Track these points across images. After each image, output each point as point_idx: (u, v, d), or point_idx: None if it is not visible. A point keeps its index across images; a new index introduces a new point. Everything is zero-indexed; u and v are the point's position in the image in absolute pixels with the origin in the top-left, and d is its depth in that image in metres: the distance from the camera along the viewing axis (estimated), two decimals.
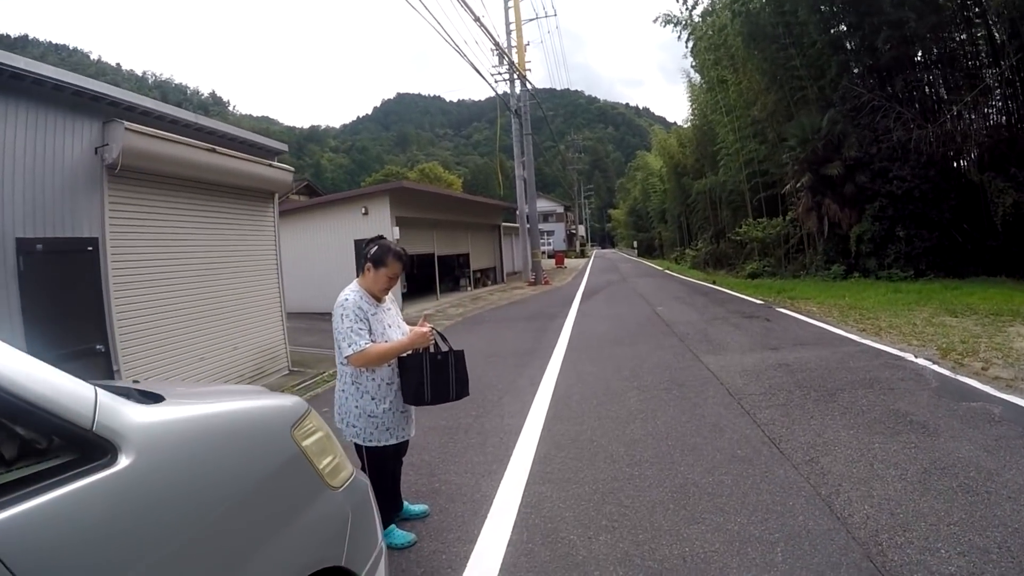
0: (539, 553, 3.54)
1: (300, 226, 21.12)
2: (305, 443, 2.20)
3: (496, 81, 29.47)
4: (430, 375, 3.77)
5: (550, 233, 72.80)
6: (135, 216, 7.46)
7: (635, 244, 73.67)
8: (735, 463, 4.68)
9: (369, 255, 3.79)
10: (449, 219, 24.60)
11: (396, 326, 3.87)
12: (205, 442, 1.84)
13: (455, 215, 25.26)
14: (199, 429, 1.86)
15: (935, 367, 7.23)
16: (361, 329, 3.56)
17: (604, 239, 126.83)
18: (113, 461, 1.50)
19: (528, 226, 29.57)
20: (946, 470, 4.23)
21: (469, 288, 27.22)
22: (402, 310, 18.46)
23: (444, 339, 3.93)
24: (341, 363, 3.68)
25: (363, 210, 19.56)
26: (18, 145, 6.01)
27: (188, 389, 2.51)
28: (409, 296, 22.16)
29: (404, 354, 3.72)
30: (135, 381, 2.69)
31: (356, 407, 3.71)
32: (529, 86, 30.32)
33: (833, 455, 4.69)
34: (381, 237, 3.93)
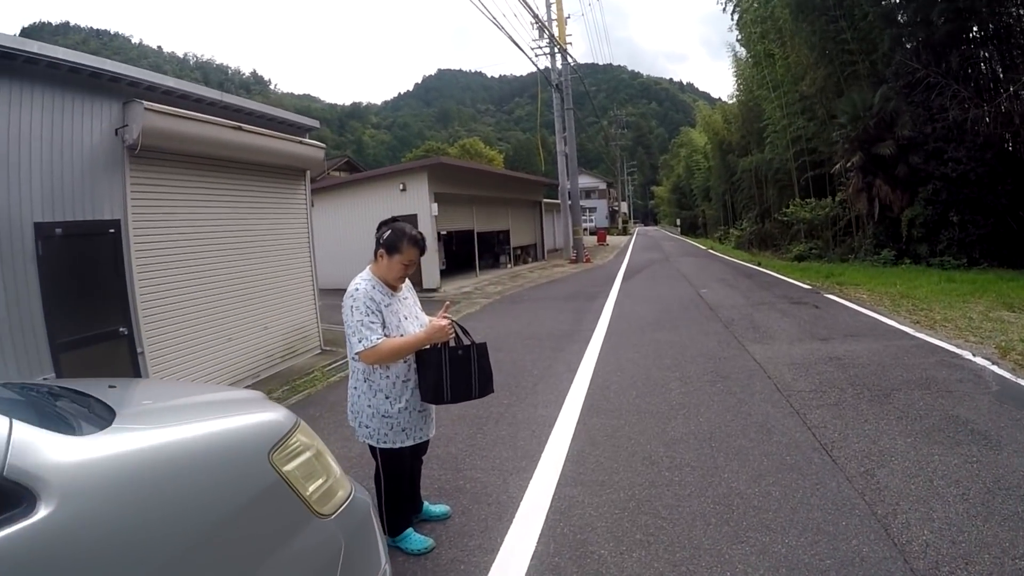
0: (566, 569, 3.25)
1: (338, 202, 21.22)
2: (288, 467, 1.93)
3: (536, 55, 29.19)
4: (450, 371, 3.42)
5: (592, 210, 71.97)
6: (158, 197, 7.30)
7: (678, 222, 72.64)
8: (784, 472, 4.30)
9: (382, 240, 3.44)
10: (489, 195, 24.28)
11: (413, 318, 3.53)
12: (151, 479, 1.56)
13: (495, 191, 24.89)
14: (144, 463, 1.58)
15: (995, 368, 6.65)
16: (373, 323, 3.24)
17: (647, 216, 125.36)
18: (31, 510, 1.28)
19: (569, 202, 29.06)
20: (1011, 491, 3.80)
21: (509, 265, 26.97)
22: (439, 288, 18.92)
23: (465, 332, 3.58)
24: (352, 358, 3.37)
25: (401, 186, 19.44)
26: (34, 130, 5.86)
27: (155, 404, 2.22)
28: (448, 273, 22.19)
29: (421, 349, 3.40)
30: (111, 386, 2.42)
31: (369, 406, 3.41)
32: (570, 60, 29.70)
33: (890, 467, 4.28)
34: (395, 219, 3.58)
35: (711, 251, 33.36)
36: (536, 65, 29.07)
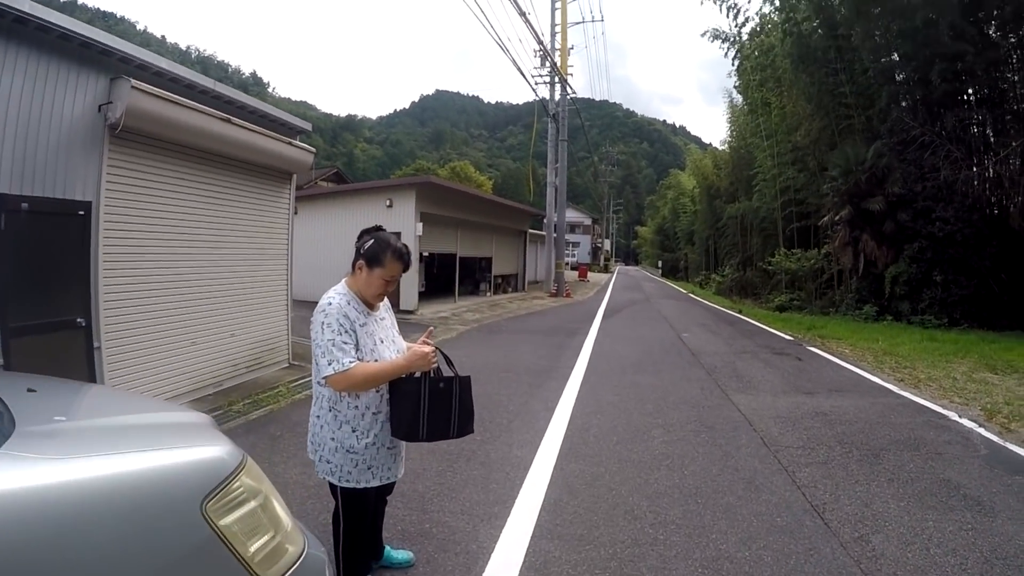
0: None
1: (323, 212, 20.91)
2: (225, 520, 1.55)
3: (536, 83, 29.20)
4: (428, 405, 3.00)
5: (575, 244, 72.20)
6: (135, 182, 6.86)
7: (660, 263, 72.85)
8: (775, 534, 4.01)
9: (363, 250, 3.07)
10: (475, 220, 23.98)
11: (390, 341, 3.15)
12: (44, 530, 1.20)
13: (481, 216, 24.61)
14: (23, 508, 1.22)
15: (982, 430, 6.67)
16: (346, 343, 2.84)
17: (628, 256, 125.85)
18: None
19: (555, 235, 28.97)
20: (1008, 561, 3.68)
21: (489, 293, 26.59)
22: (416, 311, 18.46)
23: (449, 362, 3.20)
24: (318, 383, 2.99)
25: (388, 202, 19.15)
26: (13, 94, 5.45)
27: (69, 422, 1.82)
28: (426, 296, 21.79)
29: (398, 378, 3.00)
30: (29, 390, 2.06)
31: (332, 439, 3.00)
32: (569, 90, 29.79)
33: (884, 533, 4.06)
34: (379, 228, 3.22)
35: (692, 295, 33.32)
36: (535, 91, 29.11)
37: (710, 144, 64.99)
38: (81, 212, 6.22)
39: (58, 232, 6.06)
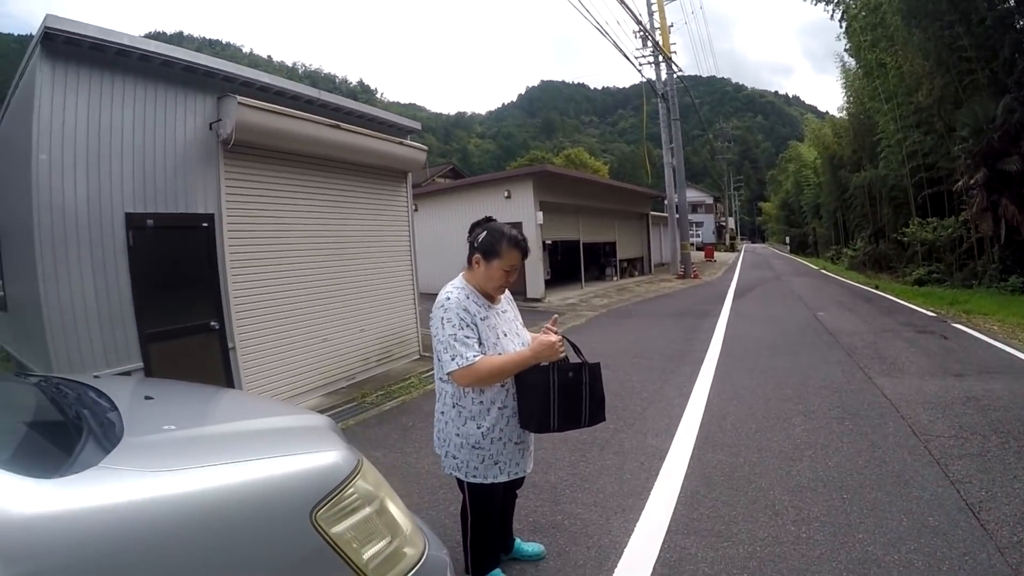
0: None
1: (442, 207, 21.23)
2: (337, 528, 1.48)
3: (640, 64, 28.59)
4: (557, 396, 2.85)
5: (699, 224, 70.31)
6: (254, 192, 7.19)
7: (787, 240, 69.72)
8: (926, 535, 3.54)
9: (476, 243, 2.97)
10: (595, 206, 23.58)
11: (514, 334, 3.02)
12: (135, 544, 1.16)
13: (601, 202, 24.17)
14: (125, 523, 1.18)
15: None
16: (468, 338, 2.75)
17: (754, 233, 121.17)
18: None
19: (677, 216, 28.19)
20: None
21: (615, 278, 26.24)
22: (543, 299, 18.51)
23: (577, 350, 3.04)
24: (441, 379, 2.92)
25: (506, 193, 19.17)
26: (126, 122, 5.82)
27: (178, 431, 1.78)
28: (552, 283, 21.77)
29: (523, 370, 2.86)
30: (147, 397, 2.08)
31: (458, 435, 2.92)
32: (675, 68, 28.86)
33: None
34: (490, 219, 3.13)
35: (824, 271, 31.37)
36: (641, 73, 28.69)
37: (827, 112, 61.18)
38: (205, 224, 6.55)
39: (185, 243, 6.42)
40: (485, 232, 2.99)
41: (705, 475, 4.60)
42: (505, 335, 2.95)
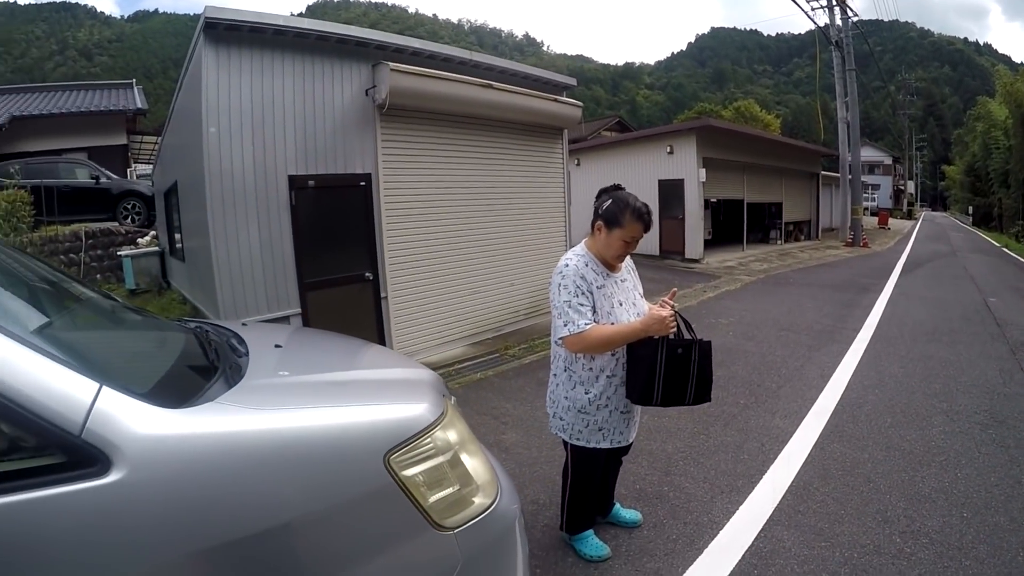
0: None
1: (605, 161, 21.27)
2: (408, 472, 1.73)
3: (813, 9, 26.43)
4: (663, 371, 2.92)
5: (875, 187, 65.71)
6: (408, 152, 7.62)
7: (970, 210, 63.58)
8: None
9: (601, 211, 3.05)
10: (761, 163, 22.57)
11: (630, 304, 3.10)
12: (229, 465, 1.50)
13: (768, 159, 23.12)
14: (226, 447, 1.52)
15: None
16: (582, 305, 2.88)
17: (935, 199, 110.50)
18: (103, 472, 1.34)
19: (849, 177, 26.16)
20: None
21: (779, 242, 25.25)
22: (702, 259, 18.53)
23: (689, 327, 3.06)
24: (556, 343, 3.10)
25: (668, 149, 18.84)
26: (287, 93, 6.41)
27: (291, 377, 2.12)
28: (712, 244, 21.31)
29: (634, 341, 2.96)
30: (276, 346, 2.50)
31: (566, 398, 3.11)
32: (850, 12, 26.41)
33: None
34: (618, 187, 3.16)
35: (1005, 249, 27.79)
36: (813, 20, 26.60)
37: (1022, 64, 53.89)
38: (362, 183, 7.08)
39: (344, 201, 6.97)
40: (611, 200, 3.05)
41: (824, 467, 4.47)
42: (620, 304, 3.04)
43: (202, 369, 1.97)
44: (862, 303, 11.41)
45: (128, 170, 18.74)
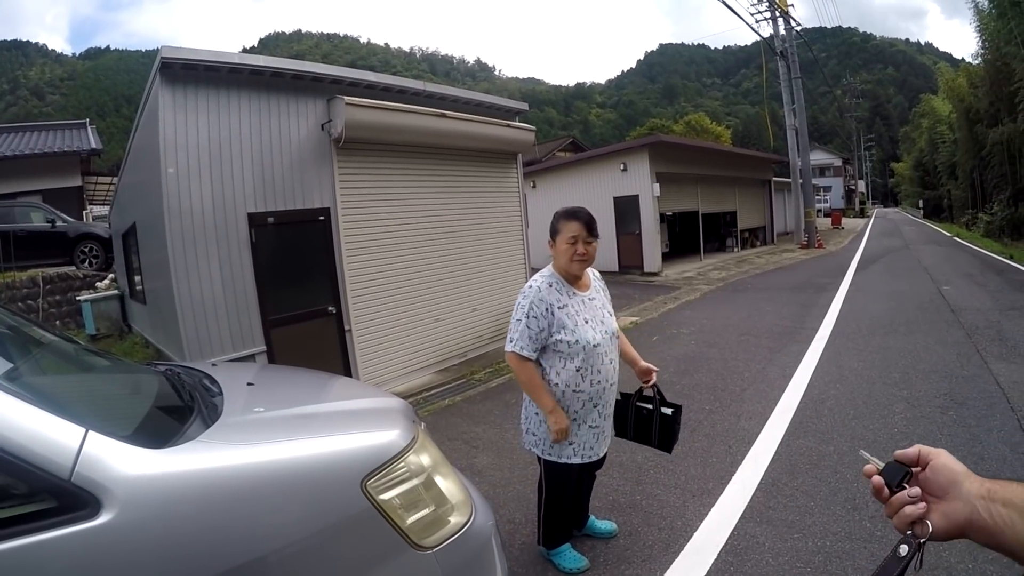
0: None
1: (561, 182, 21.56)
2: (385, 496, 1.81)
3: (757, 21, 27.20)
4: (632, 421, 3.46)
5: (826, 189, 67.01)
6: (366, 184, 7.68)
7: (920, 204, 65.11)
8: None
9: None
10: (714, 174, 23.06)
11: (597, 322, 3.15)
12: (215, 500, 1.56)
13: (720, 170, 23.61)
14: (214, 482, 1.58)
15: None
16: (532, 332, 3.02)
17: (887, 196, 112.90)
18: (94, 514, 1.38)
19: (800, 181, 26.86)
20: None
21: (736, 249, 25.68)
22: (660, 272, 18.65)
23: (660, 394, 3.43)
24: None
25: (622, 166, 19.12)
26: (244, 130, 6.45)
27: (266, 412, 2.18)
28: (671, 256, 21.80)
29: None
30: (248, 384, 2.58)
31: (537, 414, 3.18)
32: (793, 24, 27.27)
33: None
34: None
35: (956, 238, 28.67)
36: (757, 32, 27.24)
37: (962, 60, 55.62)
38: (321, 217, 7.11)
39: (304, 236, 7.01)
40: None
41: (791, 462, 4.60)
42: (587, 322, 3.11)
43: (179, 409, 2.03)
44: (819, 302, 11.70)
45: (84, 212, 18.55)
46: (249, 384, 2.56)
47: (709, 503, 4.05)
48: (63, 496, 1.36)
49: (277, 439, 1.85)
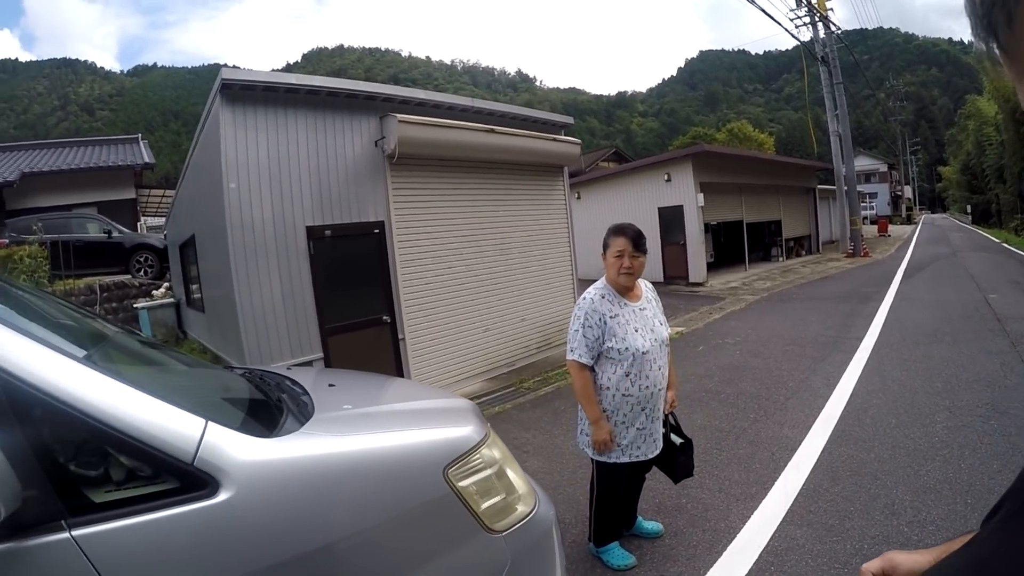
0: None
1: (605, 193, 21.71)
2: (463, 483, 2.02)
3: (797, 27, 26.91)
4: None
5: (872, 195, 65.79)
6: (418, 198, 7.96)
7: (968, 209, 63.40)
8: None
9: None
10: (758, 183, 22.95)
11: (647, 330, 3.36)
12: (322, 481, 1.78)
13: (764, 178, 23.48)
14: (317, 467, 1.80)
15: None
16: (585, 338, 3.28)
17: (934, 201, 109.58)
18: (213, 494, 1.56)
19: (845, 188, 26.52)
20: None
21: (781, 259, 25.46)
22: (706, 282, 18.86)
23: (678, 426, 3.74)
24: None
25: (666, 176, 19.24)
26: (301, 147, 6.77)
27: (354, 409, 2.43)
28: (716, 266, 21.70)
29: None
30: (330, 385, 2.84)
31: None
32: (833, 28, 26.98)
33: None
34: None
35: (1005, 244, 27.83)
36: (796, 38, 26.82)
37: None
38: (376, 230, 7.41)
39: (359, 248, 7.30)
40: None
41: (832, 469, 4.70)
42: (636, 331, 3.32)
43: (272, 405, 2.26)
44: (864, 312, 11.64)
45: (138, 223, 19.21)
46: (331, 385, 2.82)
47: (752, 507, 4.19)
48: (186, 478, 1.56)
49: (369, 431, 2.09)
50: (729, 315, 12.89)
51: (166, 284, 14.29)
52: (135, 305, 12.80)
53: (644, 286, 3.59)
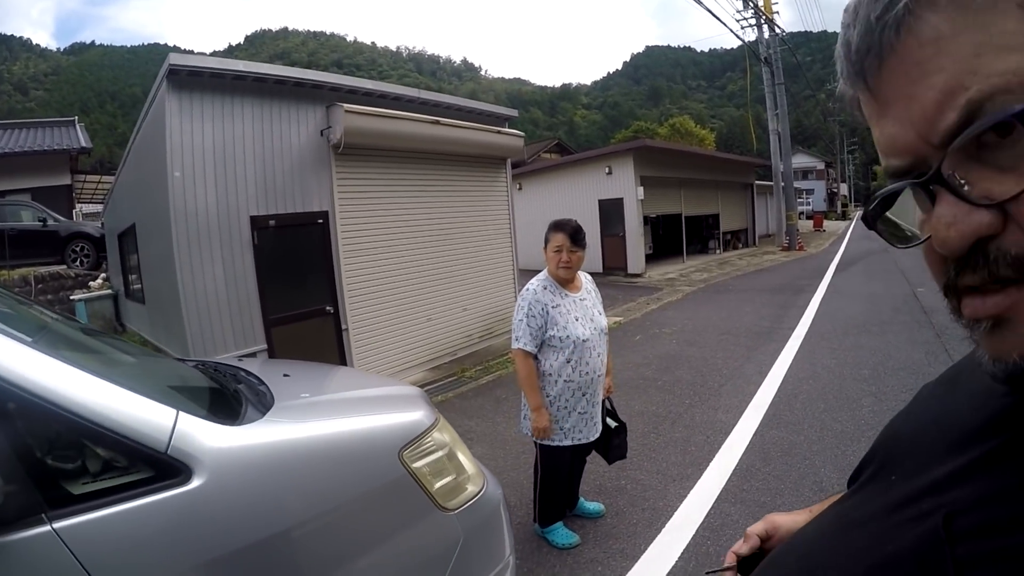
0: None
1: (546, 184, 21.78)
2: (416, 464, 2.14)
3: (742, 28, 27.43)
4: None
5: (809, 192, 67.50)
6: (363, 189, 7.94)
7: None
8: None
9: None
10: (697, 178, 23.49)
11: (587, 319, 3.52)
12: (287, 465, 1.87)
13: (703, 173, 24.04)
14: (282, 452, 1.89)
15: None
16: (532, 329, 3.40)
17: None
18: (186, 481, 1.62)
19: (783, 184, 27.28)
20: None
21: (718, 251, 26.19)
22: (644, 273, 19.08)
23: (614, 411, 3.95)
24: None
25: (607, 169, 19.43)
26: (247, 136, 6.67)
27: (311, 397, 2.54)
28: (654, 258, 22.20)
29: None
30: (284, 375, 2.90)
31: None
32: (778, 30, 27.60)
33: None
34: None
35: None
36: (741, 39, 27.34)
37: None
38: (320, 220, 7.36)
39: (303, 239, 7.27)
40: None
41: (764, 450, 4.93)
42: (577, 320, 3.48)
43: (231, 395, 2.32)
44: (798, 303, 12.05)
45: (74, 211, 18.59)
46: (286, 375, 2.89)
47: (688, 486, 4.38)
48: (160, 466, 1.61)
49: (328, 417, 2.19)
50: (666, 305, 13.18)
51: (103, 275, 13.77)
52: (72, 297, 12.39)
53: (584, 278, 3.74)
